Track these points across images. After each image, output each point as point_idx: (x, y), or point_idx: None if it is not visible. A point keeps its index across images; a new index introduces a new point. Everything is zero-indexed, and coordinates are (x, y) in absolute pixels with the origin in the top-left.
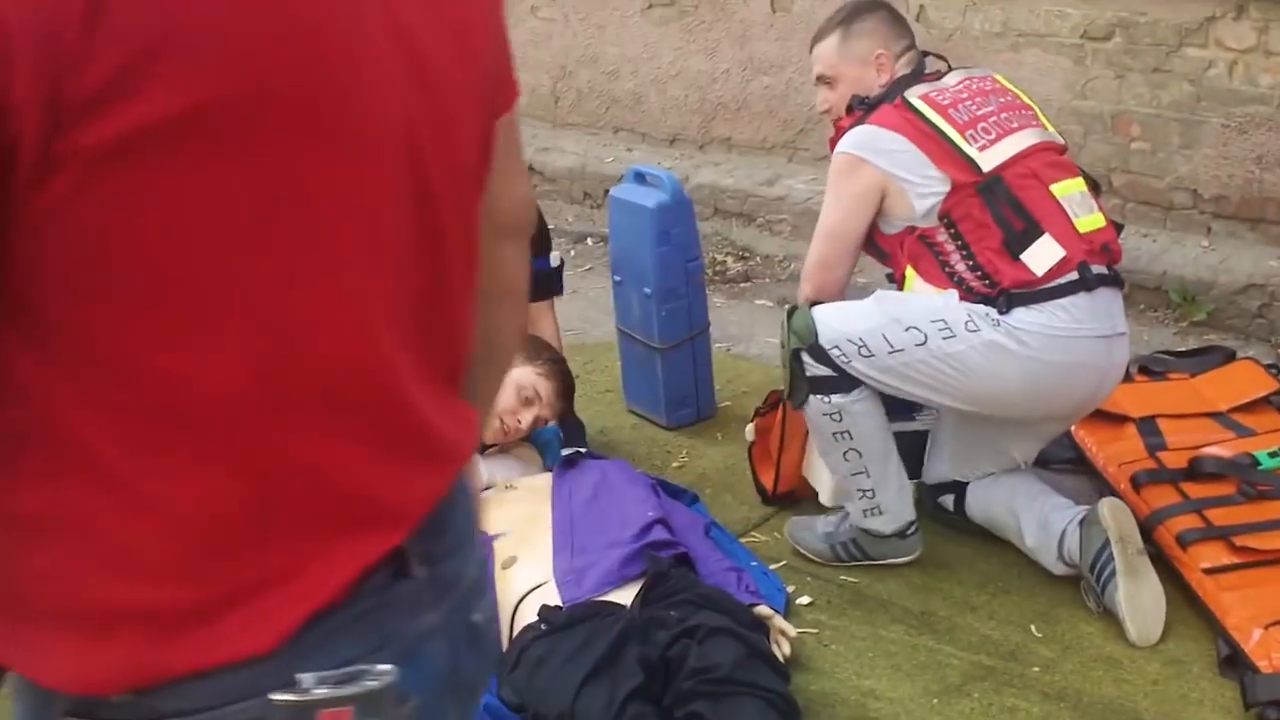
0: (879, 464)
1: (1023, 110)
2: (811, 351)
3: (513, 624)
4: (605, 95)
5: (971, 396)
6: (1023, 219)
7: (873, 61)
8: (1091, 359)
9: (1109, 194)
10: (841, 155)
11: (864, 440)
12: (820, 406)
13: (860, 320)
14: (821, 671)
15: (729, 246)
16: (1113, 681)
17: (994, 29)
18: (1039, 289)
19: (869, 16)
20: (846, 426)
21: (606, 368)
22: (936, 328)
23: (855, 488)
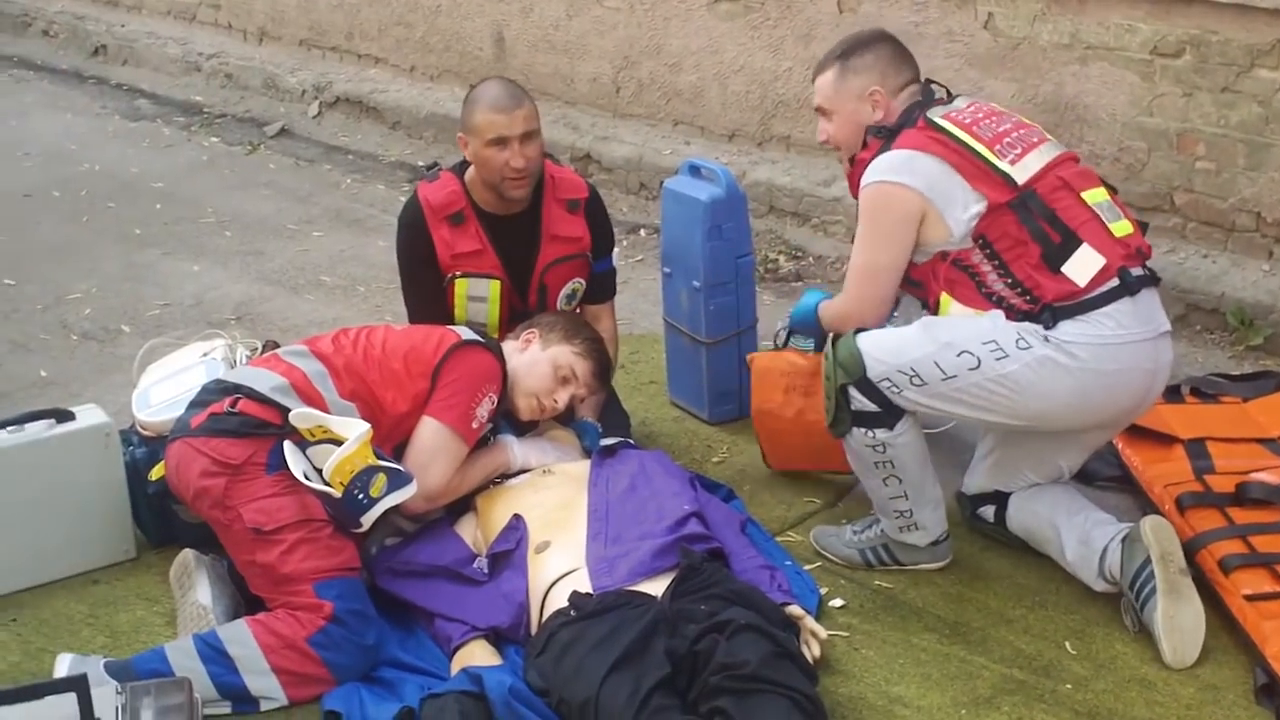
0: (917, 488)
1: (1033, 128)
2: (859, 385)
3: (543, 608)
4: (666, 87)
5: (1024, 414)
6: (1059, 231)
7: (867, 98)
8: (1140, 363)
9: (1170, 212)
10: (873, 186)
11: (904, 469)
12: (864, 439)
13: (910, 349)
14: (850, 675)
15: (782, 245)
16: (1145, 704)
17: (1062, 40)
18: (1083, 300)
19: (867, 52)
20: (889, 457)
21: (651, 359)
22: (989, 349)
23: (893, 509)
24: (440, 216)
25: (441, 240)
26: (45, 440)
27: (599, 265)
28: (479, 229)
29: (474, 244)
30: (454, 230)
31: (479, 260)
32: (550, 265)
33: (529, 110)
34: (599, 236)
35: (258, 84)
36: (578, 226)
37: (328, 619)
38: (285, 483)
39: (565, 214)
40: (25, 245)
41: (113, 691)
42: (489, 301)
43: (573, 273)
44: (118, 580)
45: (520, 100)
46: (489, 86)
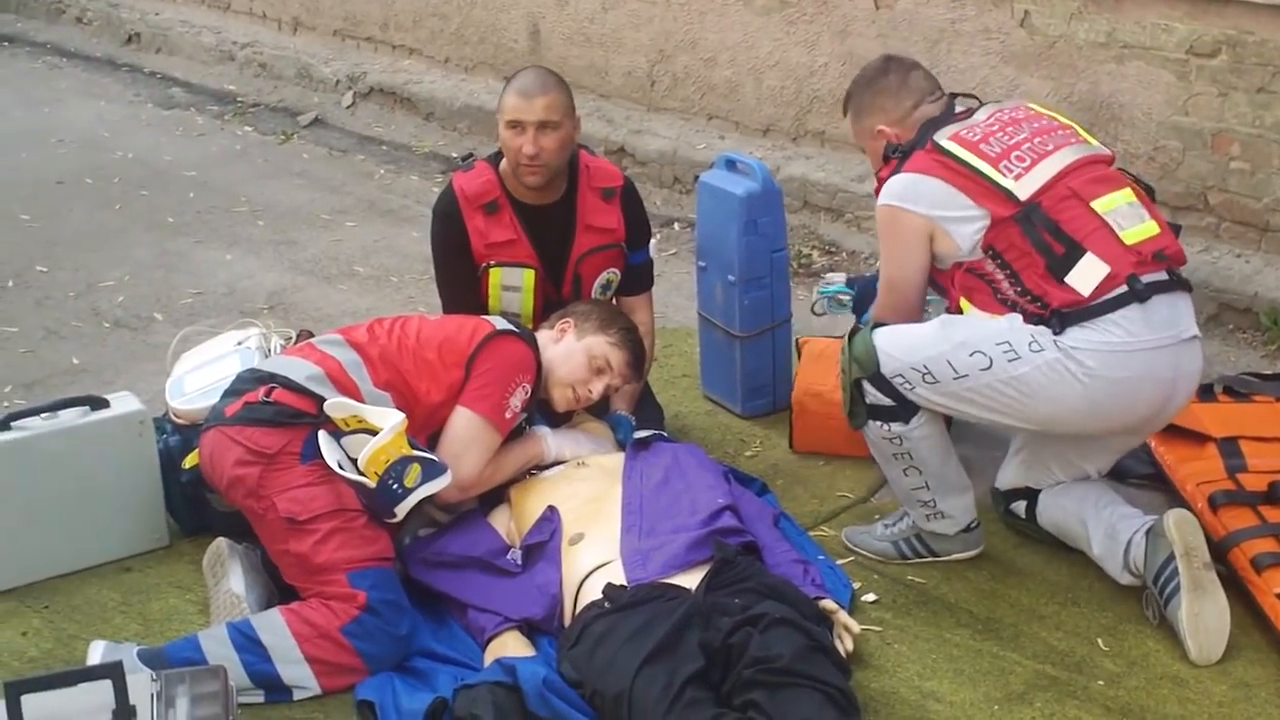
0: (938, 477)
1: (1060, 131)
2: (873, 380)
3: (576, 600)
4: (701, 81)
5: (1033, 418)
6: (1062, 242)
7: (877, 135)
8: (1154, 371)
9: (1204, 212)
10: (882, 208)
11: (924, 461)
12: (880, 431)
13: (924, 347)
14: (883, 670)
15: (815, 240)
16: (1178, 701)
17: (1098, 39)
18: (1089, 307)
19: (867, 91)
20: (906, 449)
21: (685, 353)
22: (1001, 350)
23: (916, 500)
24: (475, 206)
25: (476, 230)
26: (79, 427)
27: (635, 256)
28: (513, 218)
29: (508, 233)
30: (488, 219)
31: (513, 250)
32: (585, 255)
33: (550, 100)
34: (634, 226)
35: (291, 74)
36: (612, 216)
37: (361, 609)
38: (319, 472)
39: (600, 203)
40: (58, 232)
41: (148, 679)
42: (523, 291)
43: (607, 263)
44: (150, 568)
45: (546, 89)
46: (525, 72)
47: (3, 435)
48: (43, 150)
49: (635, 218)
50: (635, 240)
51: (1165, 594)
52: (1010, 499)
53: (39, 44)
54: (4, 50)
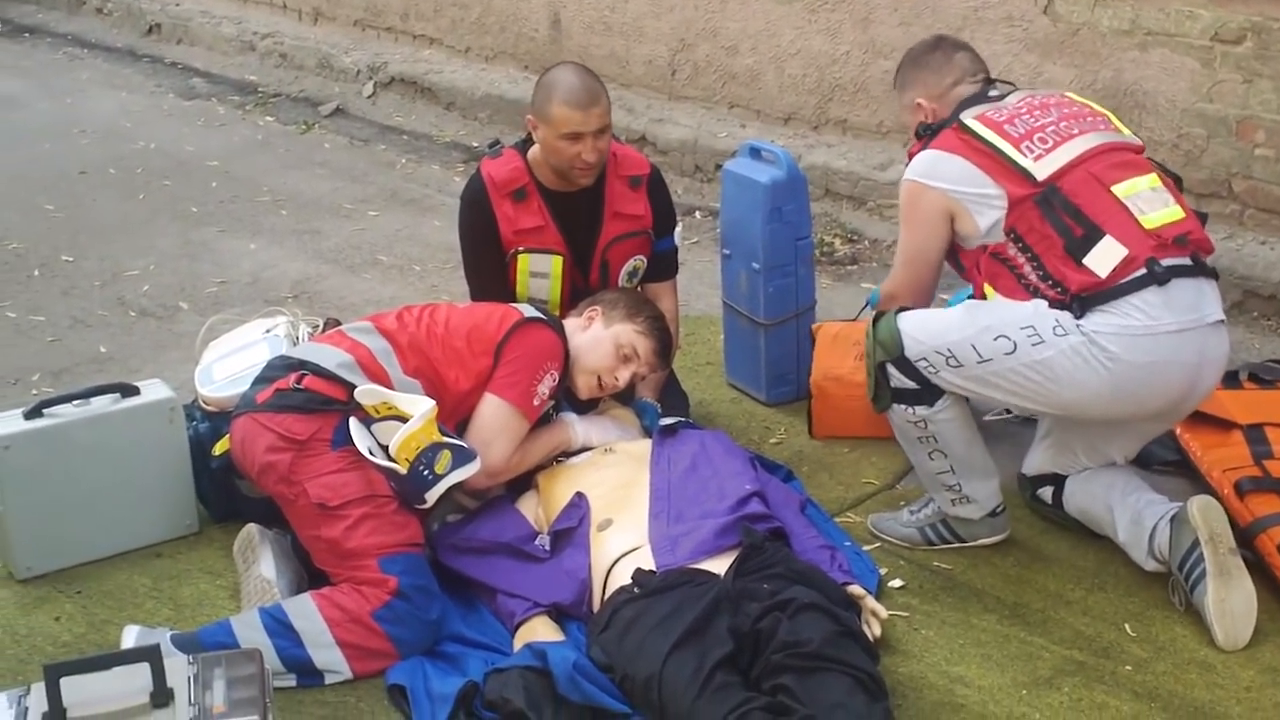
0: (964, 461)
1: (1089, 117)
2: (897, 364)
3: (605, 585)
4: (723, 70)
5: (1057, 403)
6: (1081, 224)
7: (914, 108)
8: (1178, 355)
9: (1228, 199)
10: (906, 184)
11: (949, 444)
12: (904, 415)
13: (948, 331)
14: (911, 655)
15: (838, 228)
16: (1205, 686)
17: (1122, 26)
18: (1106, 289)
19: (912, 68)
20: (931, 433)
21: (708, 341)
22: (1025, 334)
23: (940, 484)
24: (503, 193)
25: (504, 216)
26: (110, 414)
27: (661, 244)
28: (542, 205)
29: (536, 220)
30: (516, 206)
31: (541, 236)
32: (612, 242)
33: (605, 107)
34: (660, 214)
35: (312, 64)
36: (639, 204)
37: (392, 594)
38: (350, 458)
39: (627, 191)
40: (82, 222)
41: (184, 662)
42: (551, 278)
43: (635, 250)
44: (180, 554)
45: (597, 97)
46: (566, 76)
47: (35, 422)
48: (65, 141)
49: (662, 205)
50: (661, 227)
51: (1191, 580)
52: (1037, 485)
53: (60, 35)
54: (25, 41)
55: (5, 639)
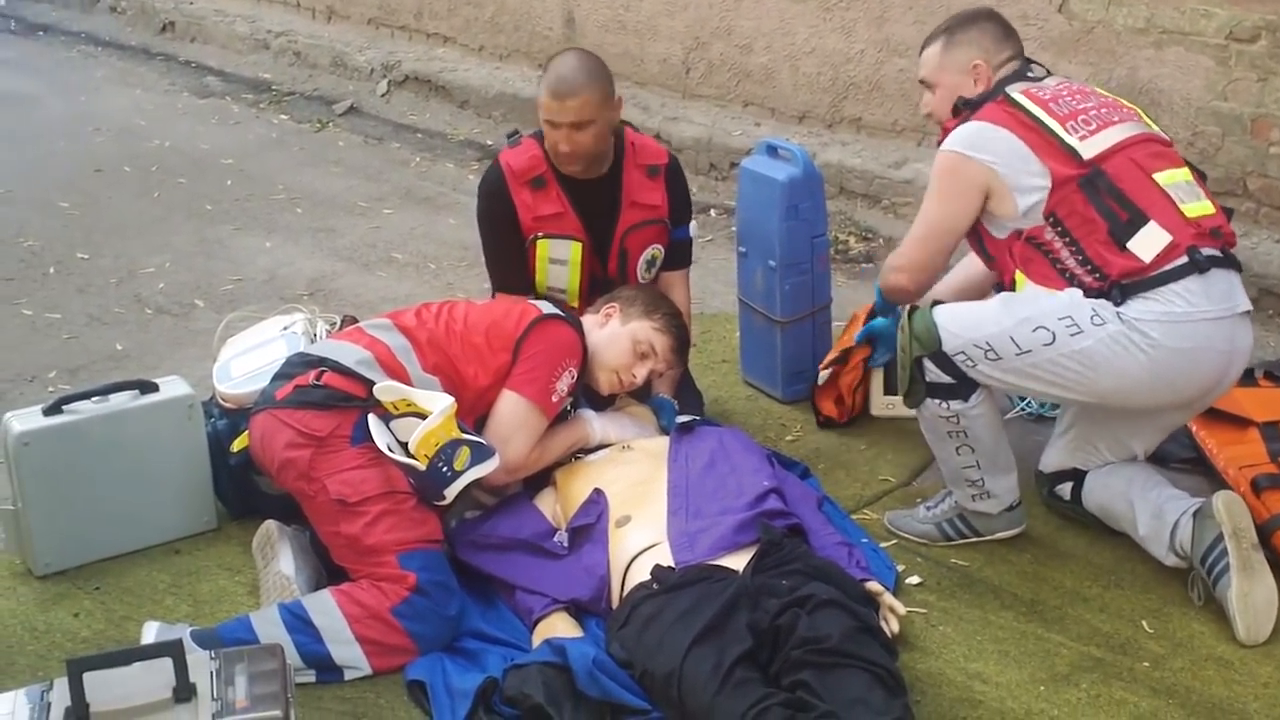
0: (990, 456)
1: (1123, 109)
2: (934, 358)
3: (624, 582)
4: (737, 68)
5: (1098, 392)
6: (1126, 208)
7: (970, 70)
8: (1213, 342)
9: (1243, 197)
10: (945, 153)
11: (978, 439)
12: (938, 410)
13: (985, 324)
14: (929, 651)
15: (852, 226)
16: (1223, 682)
17: (1137, 24)
18: (1149, 276)
19: (972, 27)
20: (963, 427)
21: (723, 338)
22: (1063, 325)
23: (965, 479)
24: (522, 181)
25: (523, 204)
26: (129, 411)
27: (678, 233)
28: (560, 192)
29: (555, 206)
30: (535, 194)
31: (560, 222)
32: (630, 230)
33: (582, 101)
34: (677, 203)
35: (326, 62)
36: (657, 194)
37: (411, 590)
38: (370, 455)
39: (645, 179)
40: (98, 220)
41: (206, 658)
42: (569, 265)
43: (652, 238)
44: (199, 550)
45: (576, 90)
46: (559, 63)
47: (54, 419)
48: (80, 139)
49: (679, 194)
50: (678, 216)
51: (1214, 574)
52: (1055, 481)
53: (74, 33)
54: (40, 40)
55: (25, 635)
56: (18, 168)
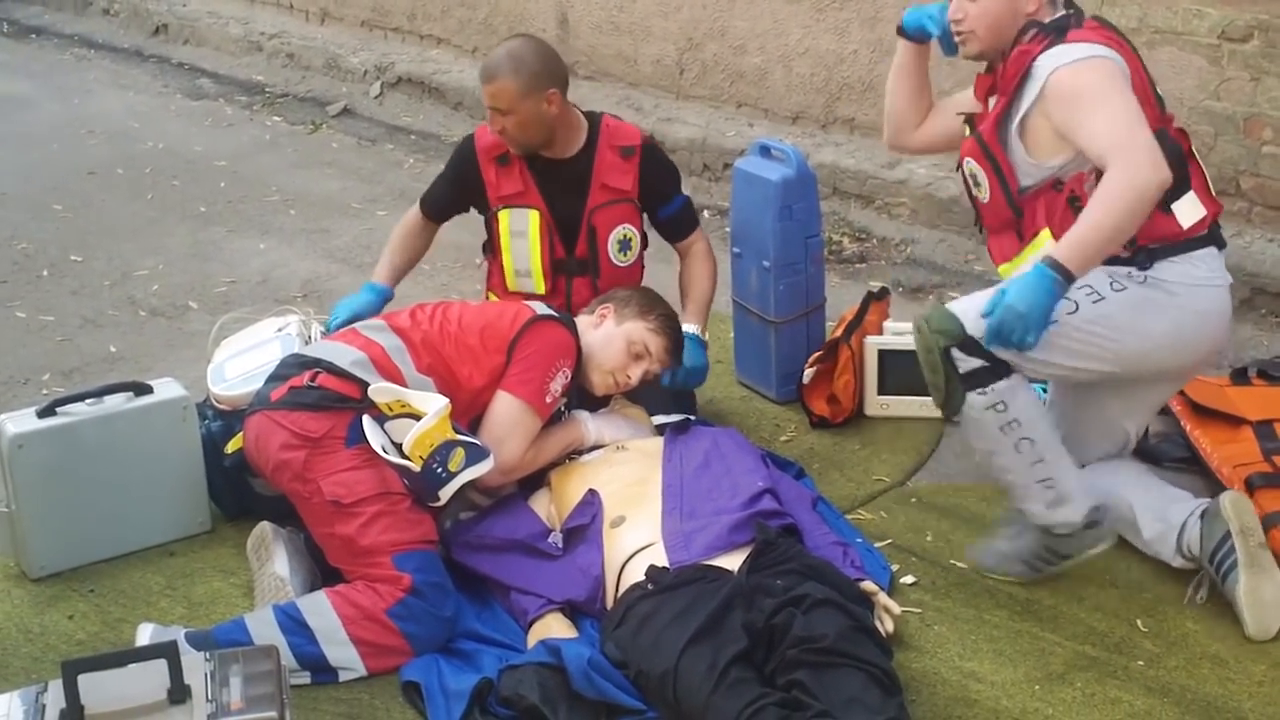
0: (1051, 446)
1: None
2: (962, 346)
3: (619, 582)
4: (730, 69)
5: (1124, 354)
6: (1178, 172)
7: None
8: (1224, 308)
9: (1236, 196)
10: (1082, 61)
11: (1032, 425)
12: (981, 401)
13: None
14: (924, 651)
15: (846, 227)
16: (1218, 680)
17: (1130, 24)
18: (1181, 241)
19: None
20: (1013, 415)
21: (717, 339)
22: (1084, 293)
23: (1035, 480)
24: (489, 156)
25: (490, 181)
26: (123, 413)
27: (665, 209)
28: (524, 170)
29: (517, 185)
30: (499, 171)
31: (522, 198)
32: (598, 208)
33: (496, 88)
34: (653, 182)
35: (319, 64)
36: (629, 175)
37: (406, 591)
38: (364, 456)
39: (618, 160)
40: (91, 222)
41: (201, 659)
42: (529, 239)
43: (621, 218)
44: (194, 552)
45: (493, 76)
46: (499, 47)
47: (48, 421)
48: (73, 141)
49: (655, 175)
50: (659, 196)
51: (1222, 571)
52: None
53: (67, 36)
54: (32, 42)
55: (19, 638)
56: (11, 170)
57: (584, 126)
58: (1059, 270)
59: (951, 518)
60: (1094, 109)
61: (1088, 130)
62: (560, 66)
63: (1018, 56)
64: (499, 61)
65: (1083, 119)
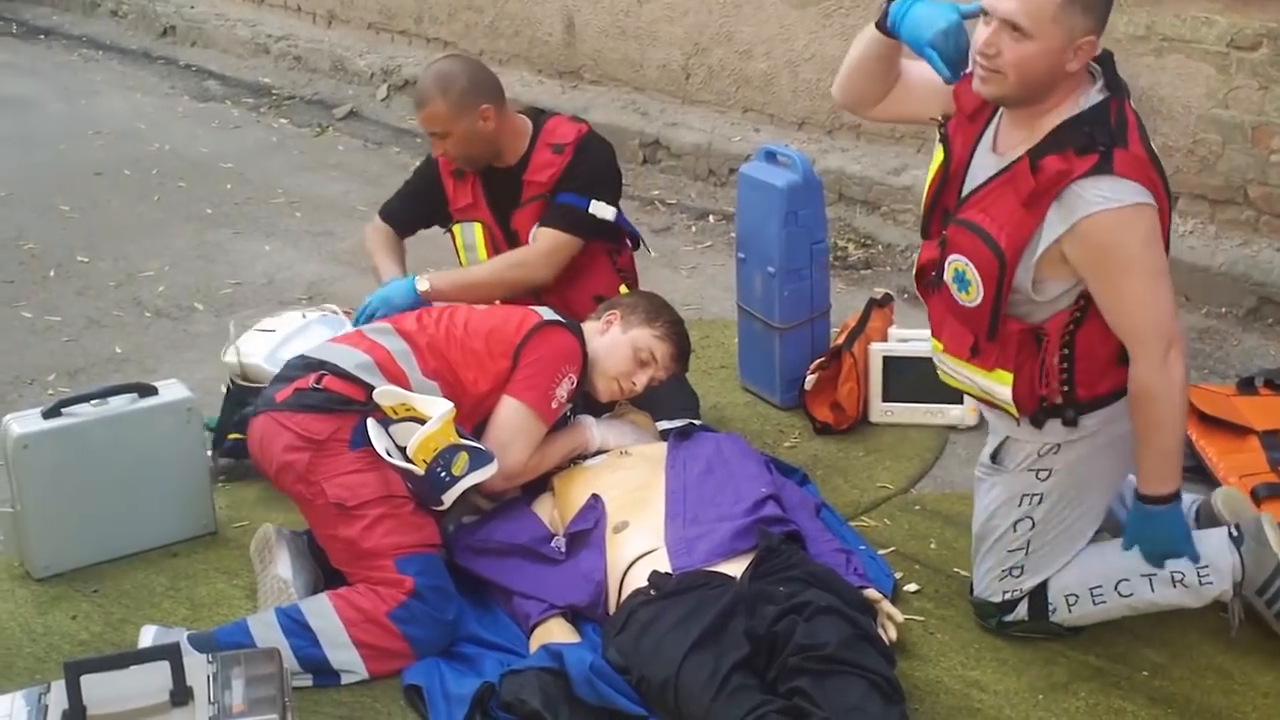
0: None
1: None
2: (1002, 609)
3: (621, 587)
4: (737, 74)
5: (1096, 501)
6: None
7: (1079, 45)
8: None
9: (1243, 205)
10: (1134, 207)
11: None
12: (1066, 618)
13: (996, 568)
14: (926, 659)
15: (851, 233)
16: (1222, 692)
17: (1138, 32)
18: (1108, 395)
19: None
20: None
21: (722, 344)
22: (1025, 504)
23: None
24: (448, 170)
25: (449, 195)
26: (128, 414)
27: (563, 196)
28: (474, 183)
29: (468, 198)
30: (456, 185)
31: (470, 211)
32: (516, 210)
33: (428, 113)
34: (571, 171)
35: (326, 67)
36: (552, 168)
37: (408, 594)
38: (368, 459)
39: (549, 157)
40: (98, 223)
41: (204, 661)
42: (477, 250)
43: (537, 215)
44: (197, 554)
45: (424, 101)
46: (426, 71)
47: (53, 421)
48: (81, 142)
49: (575, 168)
50: (568, 183)
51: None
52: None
53: (75, 37)
54: (40, 43)
55: (23, 638)
56: (18, 170)
57: (528, 132)
58: (1159, 501)
59: (955, 525)
60: (1124, 273)
61: (1119, 296)
62: (490, 79)
63: (1058, 175)
64: (427, 86)
65: (1112, 280)
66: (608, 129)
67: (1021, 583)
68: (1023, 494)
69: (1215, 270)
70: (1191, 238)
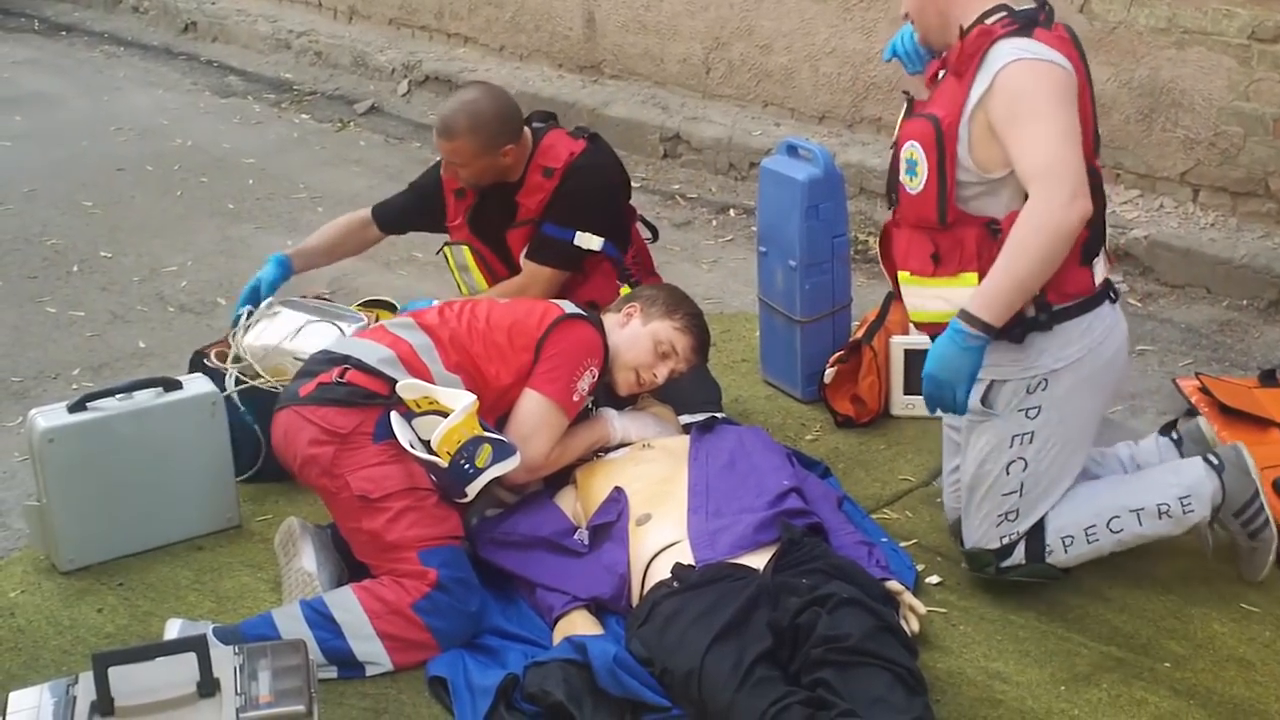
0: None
1: None
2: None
3: (644, 580)
4: (757, 68)
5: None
6: (1096, 227)
7: None
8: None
9: (1265, 197)
10: (1034, 61)
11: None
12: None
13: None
14: (949, 651)
15: (872, 226)
16: (1245, 683)
17: (1159, 24)
18: (1081, 300)
19: None
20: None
21: (743, 338)
22: (1017, 444)
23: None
24: (450, 189)
25: (449, 210)
26: (153, 408)
27: (548, 228)
28: (468, 204)
29: (459, 218)
30: (455, 202)
31: (459, 231)
32: (513, 228)
33: (454, 147)
34: (557, 201)
35: (347, 62)
36: (540, 193)
37: (432, 586)
38: (392, 452)
39: (540, 180)
40: (121, 218)
41: (230, 653)
42: (470, 270)
43: (529, 238)
44: (222, 547)
45: (450, 136)
46: (454, 100)
47: (79, 415)
48: (103, 138)
49: (562, 195)
50: (553, 214)
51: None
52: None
53: (96, 33)
54: (62, 39)
55: (49, 630)
56: (41, 167)
57: (529, 147)
58: (975, 324)
59: None
60: (1033, 118)
61: (1020, 138)
62: (516, 116)
63: (979, 35)
64: (458, 122)
65: (1020, 125)
66: (628, 123)
67: (1017, 525)
68: (1013, 435)
69: (1236, 262)
70: (1213, 230)
